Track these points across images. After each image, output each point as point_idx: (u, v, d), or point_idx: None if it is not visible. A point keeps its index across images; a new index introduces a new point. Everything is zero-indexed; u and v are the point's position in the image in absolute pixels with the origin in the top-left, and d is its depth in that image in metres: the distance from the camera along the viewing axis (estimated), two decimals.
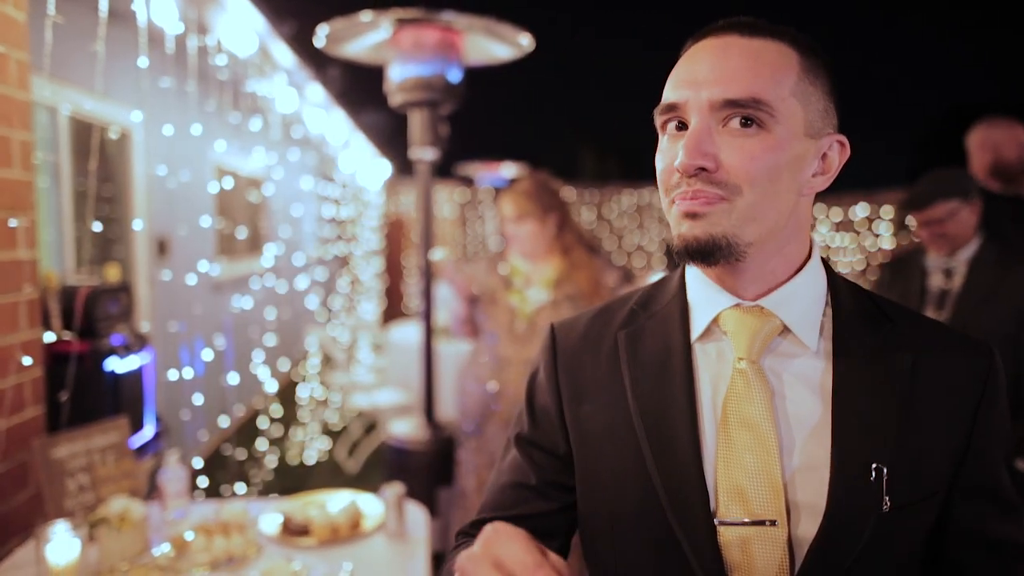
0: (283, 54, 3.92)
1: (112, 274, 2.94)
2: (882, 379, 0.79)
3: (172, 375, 2.95)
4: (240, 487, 3.07)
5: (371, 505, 2.08)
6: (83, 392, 2.19)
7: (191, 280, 3.28)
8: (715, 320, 0.84)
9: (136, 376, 2.65)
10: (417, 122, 2.92)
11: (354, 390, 5.47)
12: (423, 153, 2.96)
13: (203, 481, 2.83)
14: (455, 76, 2.89)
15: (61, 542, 1.56)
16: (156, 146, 3.81)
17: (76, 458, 1.89)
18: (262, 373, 3.79)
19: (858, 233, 8.30)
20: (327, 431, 5.50)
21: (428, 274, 3.06)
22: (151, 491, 2.40)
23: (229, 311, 3.87)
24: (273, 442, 4.54)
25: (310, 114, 5.56)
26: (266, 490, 3.99)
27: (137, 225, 3.71)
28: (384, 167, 9.48)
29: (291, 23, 3.54)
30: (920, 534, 0.80)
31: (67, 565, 1.56)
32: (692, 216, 0.76)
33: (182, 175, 3.83)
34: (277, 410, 4.27)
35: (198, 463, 2.85)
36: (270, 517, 2.00)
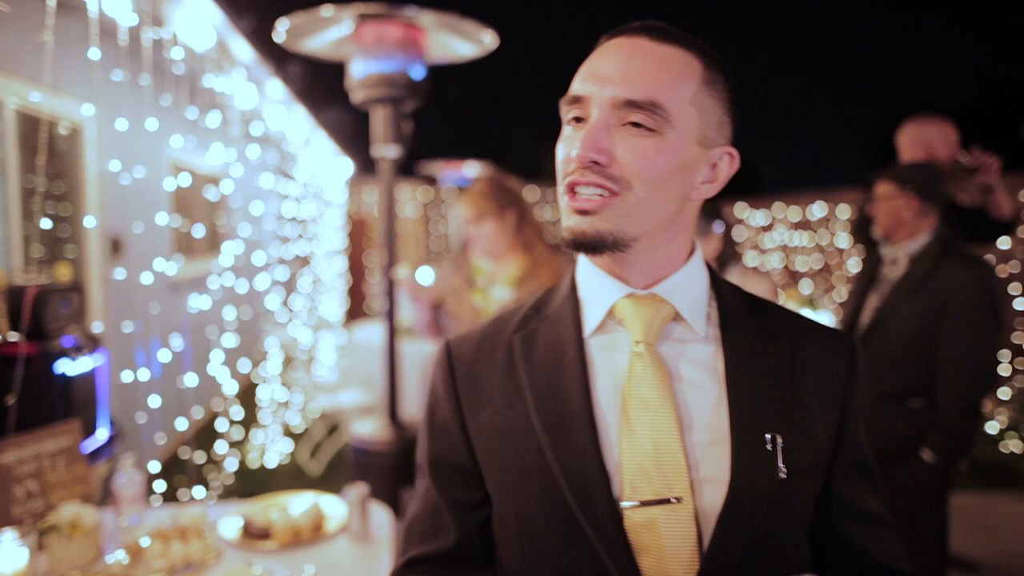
0: (242, 49, 3.84)
1: (63, 273, 2.84)
2: (767, 360, 0.85)
3: (127, 377, 2.87)
4: (199, 491, 3.00)
5: (334, 507, 2.06)
6: (32, 395, 2.11)
7: (147, 279, 3.19)
8: (610, 312, 0.87)
9: (88, 378, 2.57)
10: (379, 119, 2.89)
11: (316, 391, 5.40)
12: (386, 151, 2.92)
13: (160, 486, 2.76)
14: (418, 73, 2.86)
15: (7, 551, 1.50)
16: (109, 141, 3.70)
17: (24, 464, 1.82)
18: (221, 374, 3.71)
19: (815, 232, 8.47)
20: (289, 433, 5.41)
21: (391, 274, 3.03)
22: (106, 497, 2.33)
23: (187, 311, 3.78)
24: (233, 445, 4.45)
25: (270, 111, 5.46)
26: (226, 494, 3.91)
27: (89, 223, 3.59)
28: (346, 166, 9.37)
29: (250, 17, 3.47)
30: (810, 501, 0.86)
31: (14, 574, 1.50)
32: (582, 212, 0.80)
33: (137, 172, 3.73)
34: (237, 412, 4.18)
35: (155, 467, 2.78)
36: (230, 521, 1.95)
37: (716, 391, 0.83)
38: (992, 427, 5.47)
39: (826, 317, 4.25)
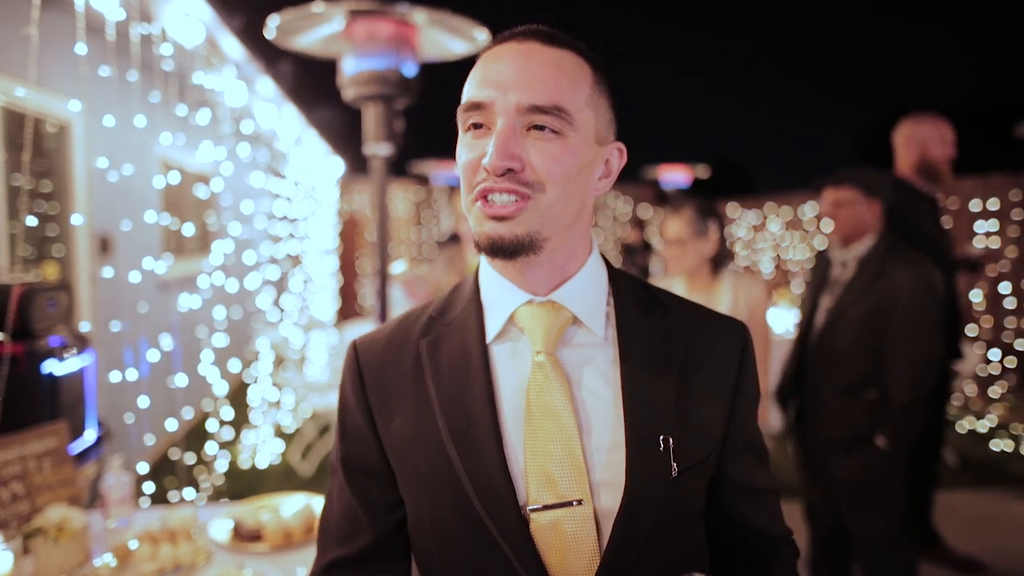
0: (232, 46, 3.81)
1: (50, 272, 2.81)
2: (660, 360, 0.88)
3: (115, 377, 2.83)
4: (189, 492, 2.96)
5: None
6: (18, 396, 2.08)
7: (136, 279, 3.15)
8: (511, 318, 0.89)
9: (76, 379, 2.53)
10: (371, 117, 2.86)
11: (308, 391, 5.36)
12: (377, 149, 2.90)
13: (150, 487, 2.72)
14: (410, 70, 2.84)
15: None
16: (98, 139, 3.66)
17: (9, 465, 1.79)
18: (211, 374, 3.67)
19: (807, 232, 8.50)
20: (280, 434, 5.37)
21: (384, 273, 3.01)
22: (94, 499, 2.29)
23: (176, 311, 3.74)
24: (224, 446, 4.42)
25: (261, 109, 5.42)
26: (217, 495, 3.88)
27: (77, 221, 3.55)
28: (337, 165, 9.33)
29: (240, 14, 3.44)
30: (702, 491, 0.91)
31: None
32: (498, 219, 0.81)
33: (126, 169, 3.69)
34: (228, 413, 4.14)
35: (143, 468, 2.74)
36: (220, 523, 1.93)
37: (613, 395, 0.86)
38: (982, 426, 5.50)
39: None
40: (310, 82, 5.53)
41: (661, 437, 0.84)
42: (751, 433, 0.96)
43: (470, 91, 0.84)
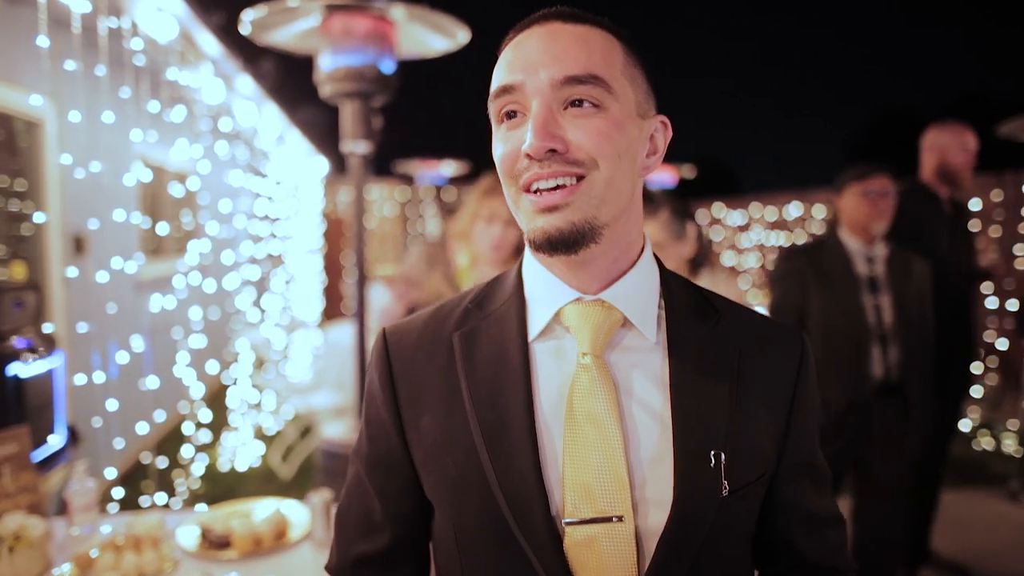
0: (208, 42, 3.74)
1: (17, 272, 2.75)
2: (713, 370, 0.82)
3: (86, 379, 2.77)
4: (161, 497, 2.90)
5: (298, 513, 1.99)
6: None
7: (111, 279, 3.08)
8: (556, 316, 0.83)
9: (43, 381, 2.47)
10: (348, 114, 2.82)
11: (289, 393, 5.30)
12: (355, 146, 2.85)
13: (119, 493, 2.66)
14: (388, 67, 2.80)
15: None
16: (71, 136, 3.58)
17: None
18: (188, 376, 3.60)
19: (792, 232, 8.52)
20: (261, 436, 5.31)
21: (362, 273, 2.96)
22: (62, 506, 2.23)
23: (152, 312, 3.67)
24: (201, 448, 4.35)
25: (240, 107, 5.35)
26: (194, 499, 3.82)
27: (40, 219, 3.47)
28: (321, 164, 9.25)
29: (216, 9, 3.37)
30: (754, 513, 0.85)
31: None
32: (552, 209, 0.75)
33: (100, 168, 3.61)
34: (206, 415, 4.08)
35: (112, 474, 2.68)
36: (188, 529, 1.88)
37: (663, 405, 0.80)
38: (965, 425, 5.52)
39: None
40: (292, 80, 5.46)
41: (712, 452, 0.78)
42: (809, 455, 0.89)
43: (497, 78, 0.79)
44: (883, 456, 2.69)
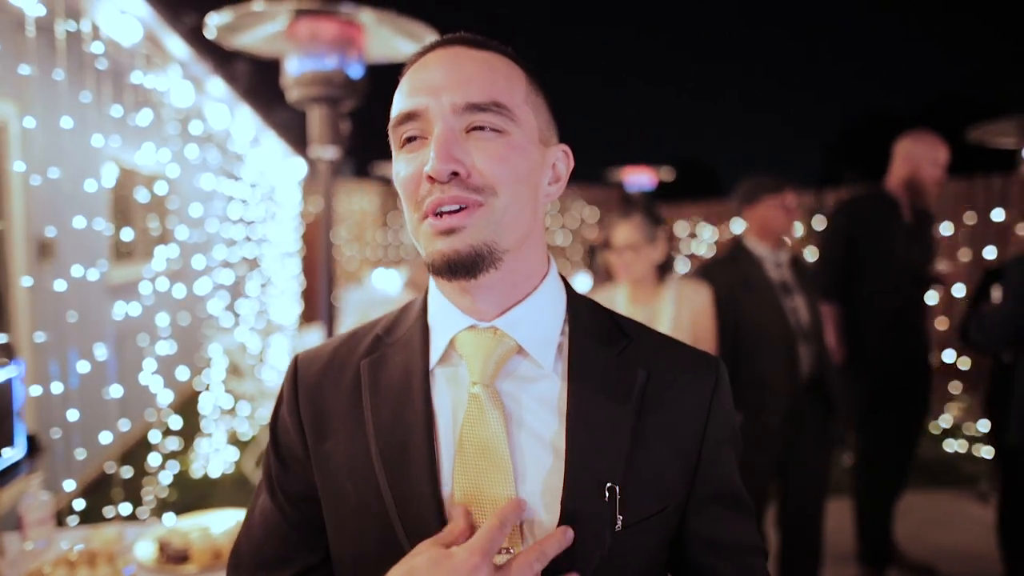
0: (176, 45, 3.69)
1: None
2: (616, 397, 0.80)
3: (52, 388, 2.71)
4: (125, 508, 2.85)
5: None
6: None
7: (78, 285, 3.02)
8: (451, 344, 0.82)
9: (2, 391, 2.41)
10: (316, 119, 2.79)
11: (264, 397, 5.25)
12: (323, 152, 2.83)
13: (81, 504, 2.61)
14: (356, 72, 2.78)
15: None
16: (34, 140, 3.52)
17: None
18: (155, 384, 3.55)
19: None
20: (234, 441, 5.25)
21: (330, 276, 2.94)
22: (17, 520, 2.18)
23: (120, 318, 3.61)
24: (173, 456, 4.29)
25: (212, 109, 5.29)
26: (163, 508, 3.76)
27: (5, 225, 3.40)
28: (299, 166, 9.19)
29: (182, 12, 3.33)
30: (656, 545, 0.81)
31: None
32: (450, 232, 0.74)
33: (66, 172, 3.55)
34: (176, 422, 4.02)
35: (70, 486, 2.63)
36: (145, 543, 1.85)
37: (556, 436, 0.78)
38: (935, 427, 5.59)
39: None
40: (266, 82, 5.41)
41: (608, 486, 0.76)
42: (724, 485, 0.86)
43: (399, 103, 0.78)
44: (811, 454, 2.81)
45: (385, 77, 2.98)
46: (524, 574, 0.69)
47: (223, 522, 1.93)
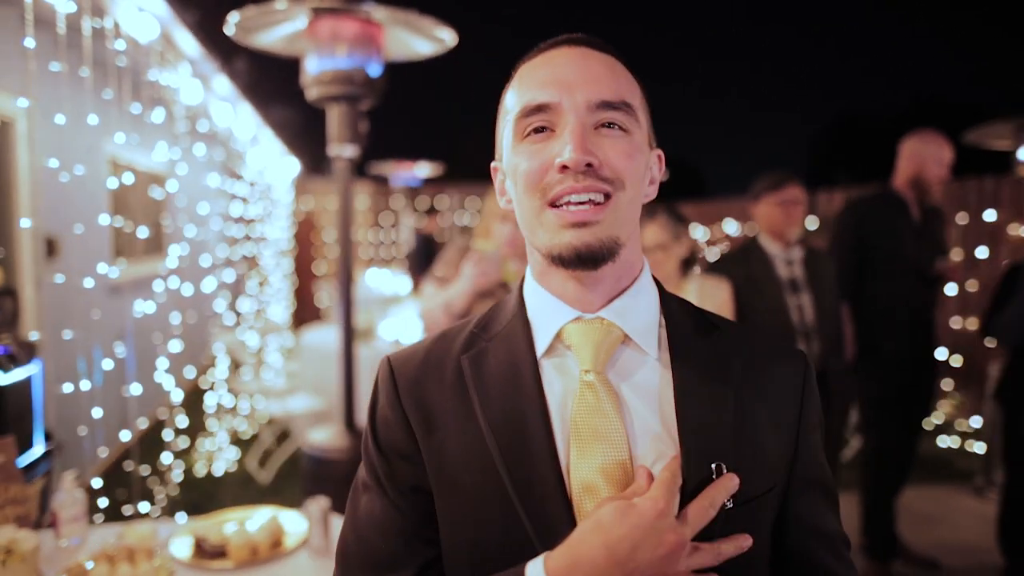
0: (187, 42, 3.68)
1: None
2: (717, 383, 0.83)
3: (67, 387, 2.70)
4: (144, 505, 2.85)
5: (293, 521, 1.97)
6: None
7: (86, 283, 3.01)
8: (558, 335, 0.84)
9: (23, 389, 2.41)
10: (335, 118, 2.81)
11: (264, 396, 5.24)
12: (342, 150, 2.84)
13: (103, 501, 2.61)
14: (375, 70, 2.79)
15: None
16: (44, 137, 3.50)
17: None
18: (167, 382, 3.54)
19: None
20: (237, 440, 5.23)
21: (348, 275, 2.95)
22: (42, 515, 2.18)
23: (129, 316, 3.60)
24: (179, 455, 4.28)
25: (217, 107, 5.27)
26: (173, 506, 3.75)
27: (22, 223, 3.39)
28: (292, 165, 9.15)
29: (196, 9, 3.32)
30: (764, 526, 0.83)
31: None
32: (582, 224, 0.77)
33: (75, 169, 3.53)
34: (183, 420, 4.01)
35: (98, 483, 2.62)
36: (181, 539, 1.86)
37: (666, 420, 0.81)
38: (928, 423, 5.68)
39: None
40: (267, 79, 5.40)
41: (714, 465, 0.78)
42: (822, 471, 0.88)
43: (528, 95, 0.81)
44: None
45: (393, 75, 2.99)
46: (701, 518, 0.74)
47: (258, 519, 1.94)
